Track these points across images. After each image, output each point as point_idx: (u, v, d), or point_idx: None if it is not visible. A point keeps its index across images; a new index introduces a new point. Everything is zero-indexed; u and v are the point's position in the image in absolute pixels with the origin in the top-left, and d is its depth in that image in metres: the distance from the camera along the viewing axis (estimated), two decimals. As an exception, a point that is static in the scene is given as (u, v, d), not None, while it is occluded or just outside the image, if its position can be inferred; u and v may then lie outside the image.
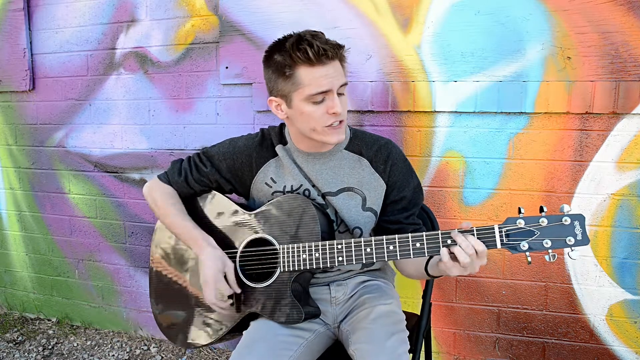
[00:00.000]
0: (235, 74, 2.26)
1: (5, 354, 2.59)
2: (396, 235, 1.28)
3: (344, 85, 1.38)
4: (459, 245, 1.18)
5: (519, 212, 1.16)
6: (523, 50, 1.90)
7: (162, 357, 2.53)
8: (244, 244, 1.48)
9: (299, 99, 1.35)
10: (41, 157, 2.73)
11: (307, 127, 1.38)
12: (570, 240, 1.13)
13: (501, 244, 1.17)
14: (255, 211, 1.49)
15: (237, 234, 1.51)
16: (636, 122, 1.85)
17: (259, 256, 1.47)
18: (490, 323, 2.15)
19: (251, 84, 2.24)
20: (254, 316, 1.48)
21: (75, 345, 2.67)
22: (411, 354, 1.50)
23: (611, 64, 1.83)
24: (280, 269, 1.41)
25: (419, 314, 1.68)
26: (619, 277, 1.97)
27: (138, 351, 2.59)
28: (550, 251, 1.14)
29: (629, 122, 1.86)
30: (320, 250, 1.36)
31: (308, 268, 1.38)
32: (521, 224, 1.15)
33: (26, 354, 2.59)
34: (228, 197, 1.58)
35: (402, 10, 2.02)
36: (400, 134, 2.10)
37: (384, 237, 1.30)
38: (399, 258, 1.29)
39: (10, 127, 2.77)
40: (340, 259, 1.34)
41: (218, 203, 1.58)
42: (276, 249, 1.43)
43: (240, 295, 1.47)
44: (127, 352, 2.58)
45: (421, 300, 1.67)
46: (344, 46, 1.37)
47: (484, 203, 2.06)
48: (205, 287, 1.43)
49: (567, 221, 1.13)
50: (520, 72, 1.91)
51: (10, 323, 2.89)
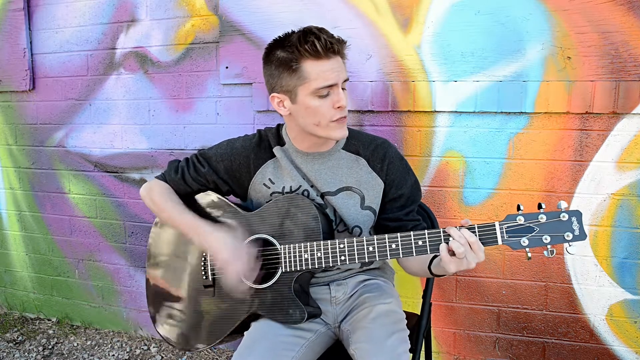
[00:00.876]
0: (235, 74, 2.26)
1: (5, 353, 2.58)
2: (398, 234, 1.28)
3: (346, 80, 1.39)
4: (452, 237, 1.19)
5: (518, 209, 1.18)
6: (523, 50, 1.90)
7: (162, 357, 2.53)
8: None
9: (304, 94, 1.35)
10: (41, 157, 2.73)
11: (311, 122, 1.38)
12: (569, 236, 1.16)
13: (502, 241, 1.19)
14: (255, 211, 1.48)
15: (236, 235, 1.50)
16: (636, 122, 1.85)
17: (259, 256, 1.46)
18: (490, 323, 2.15)
19: (251, 83, 2.24)
20: (255, 317, 1.47)
21: (76, 345, 2.67)
22: (411, 354, 1.50)
23: (611, 63, 1.83)
24: (282, 269, 1.41)
25: (419, 313, 1.68)
26: (619, 277, 1.97)
27: (138, 351, 2.59)
28: (549, 247, 1.17)
29: (629, 122, 1.86)
30: (322, 249, 1.36)
31: (310, 268, 1.38)
32: (521, 220, 1.18)
33: (26, 353, 2.59)
34: (226, 198, 1.57)
35: (402, 10, 2.02)
36: (400, 134, 2.10)
37: (386, 235, 1.30)
38: (401, 256, 1.29)
39: (10, 127, 2.77)
40: (343, 258, 1.34)
41: (216, 204, 1.57)
42: (277, 249, 1.42)
43: (242, 295, 1.46)
44: (127, 352, 2.58)
45: (421, 300, 1.67)
46: (346, 42, 1.38)
47: (484, 203, 2.06)
48: (224, 272, 1.41)
49: (565, 217, 1.16)
50: (520, 72, 1.92)
51: (10, 323, 2.89)
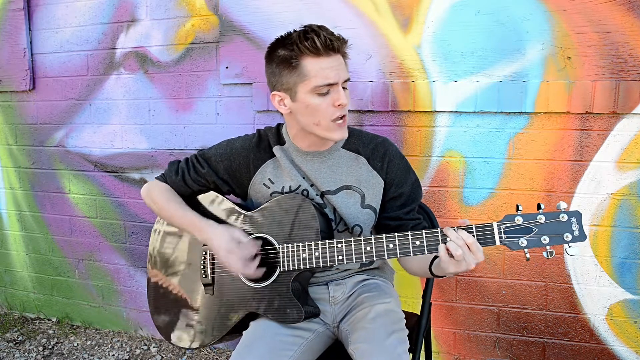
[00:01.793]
0: (236, 73, 2.26)
1: (5, 353, 2.59)
2: (396, 234, 1.28)
3: (347, 80, 1.39)
4: (449, 238, 1.18)
5: (517, 210, 1.17)
6: (523, 50, 1.90)
7: (162, 357, 2.53)
8: None
9: (304, 91, 1.35)
10: (41, 157, 2.73)
11: (311, 121, 1.38)
12: (568, 237, 1.14)
13: (500, 241, 1.17)
14: (254, 211, 1.49)
15: (236, 229, 1.50)
16: (636, 122, 1.85)
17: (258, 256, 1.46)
18: (490, 323, 2.15)
19: (251, 83, 2.24)
20: (253, 316, 1.47)
21: (76, 345, 2.67)
22: (411, 354, 1.50)
23: (611, 63, 1.83)
24: (280, 268, 1.41)
25: (419, 313, 1.68)
26: (619, 277, 1.97)
27: (138, 351, 2.59)
28: (548, 247, 1.15)
29: (629, 122, 1.86)
30: (320, 249, 1.36)
31: (308, 267, 1.38)
32: (519, 221, 1.16)
33: (26, 353, 2.59)
34: (226, 197, 1.58)
35: (402, 10, 2.02)
36: (400, 134, 2.10)
37: (384, 235, 1.30)
38: (399, 256, 1.29)
39: (11, 127, 2.77)
40: (340, 257, 1.34)
41: (216, 203, 1.58)
42: (275, 249, 1.43)
43: (240, 294, 1.47)
44: (127, 352, 2.58)
45: (421, 300, 1.67)
46: (347, 41, 1.38)
47: (484, 203, 2.06)
48: (226, 261, 1.40)
49: (564, 218, 1.14)
50: (520, 71, 1.91)
51: (10, 323, 2.89)
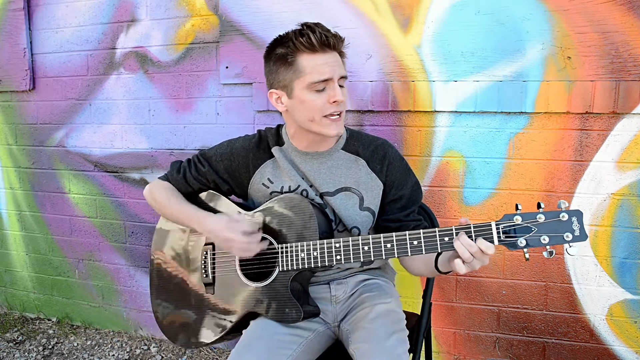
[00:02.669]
0: (236, 73, 2.26)
1: (5, 353, 2.59)
2: (393, 234, 1.28)
3: (344, 78, 1.39)
4: (461, 243, 1.17)
5: (516, 209, 1.15)
6: (523, 50, 1.90)
7: (162, 357, 2.53)
8: None
9: (300, 88, 1.36)
10: (41, 156, 2.73)
11: (306, 117, 1.39)
12: (568, 236, 1.11)
13: (498, 241, 1.16)
14: (254, 211, 1.49)
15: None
16: (636, 121, 1.85)
17: (257, 255, 1.46)
18: (490, 323, 2.15)
19: (251, 83, 2.24)
20: (253, 315, 1.48)
21: (76, 345, 2.67)
22: (411, 354, 1.50)
23: (611, 63, 1.83)
24: (279, 268, 1.42)
25: (419, 313, 1.68)
26: (619, 277, 1.97)
27: (138, 351, 2.59)
28: (548, 247, 1.13)
29: (629, 122, 1.86)
30: (318, 249, 1.36)
31: (307, 267, 1.38)
32: (518, 220, 1.14)
33: (26, 353, 2.59)
34: (226, 197, 1.59)
35: (402, 10, 2.02)
36: (400, 134, 2.10)
37: (382, 235, 1.30)
38: (396, 256, 1.29)
39: (10, 126, 2.77)
40: (339, 257, 1.34)
41: (216, 203, 1.59)
42: (275, 249, 1.43)
43: (240, 294, 1.47)
44: (127, 352, 2.58)
45: (421, 300, 1.67)
46: (344, 39, 1.39)
47: (484, 203, 2.06)
48: (228, 240, 1.39)
49: (564, 217, 1.11)
50: (520, 71, 1.91)
51: (10, 323, 2.89)
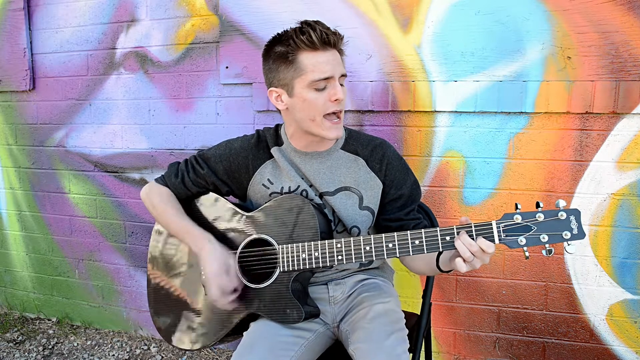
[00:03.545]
0: (236, 73, 2.26)
1: (5, 353, 2.59)
2: (395, 233, 1.28)
3: (344, 76, 1.39)
4: (462, 242, 1.17)
5: (516, 208, 1.17)
6: (523, 50, 1.90)
7: (162, 357, 2.53)
8: (242, 244, 1.48)
9: (301, 86, 1.35)
10: (41, 157, 2.73)
11: (306, 116, 1.38)
12: (567, 235, 1.14)
13: (499, 240, 1.18)
14: (254, 212, 1.49)
15: (235, 235, 1.50)
16: (636, 121, 1.85)
17: (258, 257, 1.46)
18: (490, 323, 2.15)
19: (251, 83, 2.24)
20: (254, 317, 1.47)
21: (76, 345, 2.67)
22: (411, 354, 1.50)
23: (611, 63, 1.83)
24: (279, 269, 1.41)
25: (419, 313, 1.68)
26: (619, 276, 1.97)
27: (138, 351, 2.59)
28: (547, 246, 1.16)
29: (629, 122, 1.86)
30: (319, 249, 1.36)
31: (308, 268, 1.38)
32: (518, 219, 1.16)
33: (26, 353, 2.59)
34: (225, 198, 1.58)
35: (402, 10, 2.02)
36: (400, 134, 2.10)
37: (383, 235, 1.30)
38: (398, 256, 1.29)
39: (11, 127, 2.77)
40: (340, 257, 1.34)
41: (216, 204, 1.57)
42: (275, 249, 1.43)
43: (240, 295, 1.47)
44: (127, 352, 2.58)
45: (421, 300, 1.67)
46: (343, 37, 1.39)
47: (484, 203, 2.06)
48: (208, 284, 1.42)
49: (563, 216, 1.14)
50: (520, 71, 1.91)
51: (10, 323, 2.89)
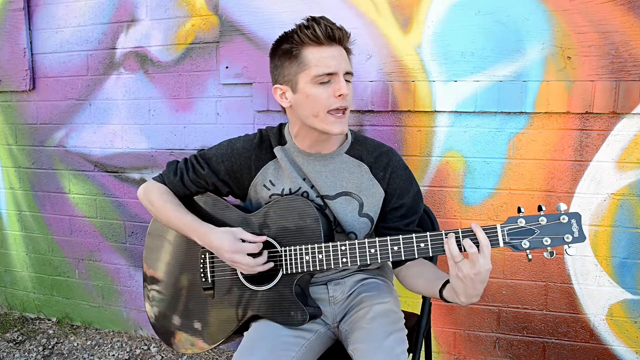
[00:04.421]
0: (236, 73, 2.26)
1: (5, 353, 2.59)
2: (400, 236, 1.28)
3: (350, 73, 1.37)
4: (463, 245, 1.18)
5: (519, 212, 1.19)
6: (523, 50, 1.90)
7: (162, 357, 2.53)
8: None
9: (304, 81, 1.34)
10: (41, 156, 2.73)
11: (310, 112, 1.36)
12: (568, 238, 1.17)
13: (504, 243, 1.19)
14: (255, 213, 1.47)
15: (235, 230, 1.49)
16: (636, 121, 1.85)
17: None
18: (490, 323, 2.15)
19: (251, 83, 2.24)
20: (256, 318, 1.47)
21: (76, 345, 2.67)
22: (411, 354, 1.50)
23: (611, 63, 1.83)
24: (282, 271, 1.40)
25: (419, 313, 1.68)
26: (619, 276, 1.97)
27: (138, 351, 2.59)
28: (549, 248, 1.18)
29: (629, 121, 1.86)
30: (324, 251, 1.35)
31: (312, 270, 1.36)
32: (522, 223, 1.18)
33: (26, 353, 2.59)
34: (225, 199, 1.56)
35: (402, 10, 2.02)
36: (400, 134, 2.10)
37: (388, 237, 1.29)
38: (403, 258, 1.28)
39: (10, 126, 2.77)
40: (345, 260, 1.33)
41: (216, 205, 1.55)
42: (278, 251, 1.41)
43: (242, 297, 1.46)
44: (127, 352, 2.58)
45: (421, 300, 1.67)
46: (349, 34, 1.37)
47: (484, 203, 2.06)
48: (233, 260, 1.37)
49: (564, 219, 1.17)
50: (520, 71, 1.92)
51: (10, 323, 2.89)
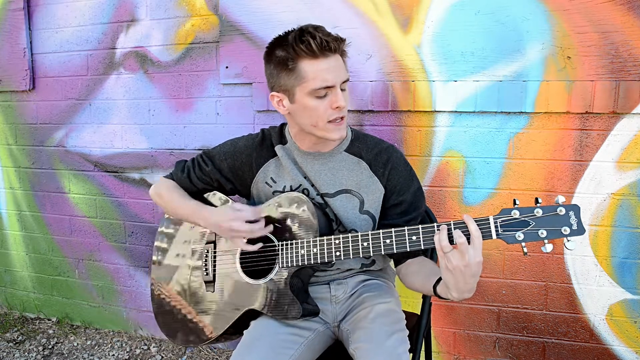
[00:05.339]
0: (235, 73, 2.26)
1: (5, 353, 2.59)
2: (392, 229, 1.29)
3: (346, 81, 1.38)
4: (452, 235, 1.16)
5: (514, 204, 1.16)
6: (523, 49, 1.90)
7: (162, 357, 2.53)
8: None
9: (302, 94, 1.34)
10: (41, 156, 2.73)
11: (309, 122, 1.38)
12: (566, 230, 1.13)
13: (496, 235, 1.16)
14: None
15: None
16: (636, 121, 1.85)
17: (258, 253, 1.47)
18: (490, 323, 2.15)
19: (251, 83, 2.24)
20: (253, 314, 1.48)
21: (76, 345, 2.67)
22: (411, 354, 1.50)
23: (611, 63, 1.83)
24: (278, 265, 1.42)
25: (419, 313, 1.68)
26: (619, 276, 1.97)
27: (138, 351, 2.59)
28: (546, 241, 1.14)
29: (629, 121, 1.86)
30: (318, 245, 1.37)
31: (307, 264, 1.39)
32: (516, 214, 1.15)
33: (26, 353, 2.59)
34: (231, 198, 1.59)
35: (402, 10, 2.02)
36: (400, 134, 2.10)
37: (380, 230, 1.30)
38: (395, 251, 1.28)
39: (10, 126, 2.77)
40: (338, 253, 1.35)
41: (220, 202, 1.59)
42: (275, 246, 1.44)
43: (240, 291, 1.47)
44: (127, 352, 2.58)
45: (421, 300, 1.67)
46: (345, 40, 1.37)
47: (484, 203, 2.06)
48: (234, 228, 1.39)
49: (562, 211, 1.13)
50: (520, 71, 1.91)
51: (10, 323, 2.89)
